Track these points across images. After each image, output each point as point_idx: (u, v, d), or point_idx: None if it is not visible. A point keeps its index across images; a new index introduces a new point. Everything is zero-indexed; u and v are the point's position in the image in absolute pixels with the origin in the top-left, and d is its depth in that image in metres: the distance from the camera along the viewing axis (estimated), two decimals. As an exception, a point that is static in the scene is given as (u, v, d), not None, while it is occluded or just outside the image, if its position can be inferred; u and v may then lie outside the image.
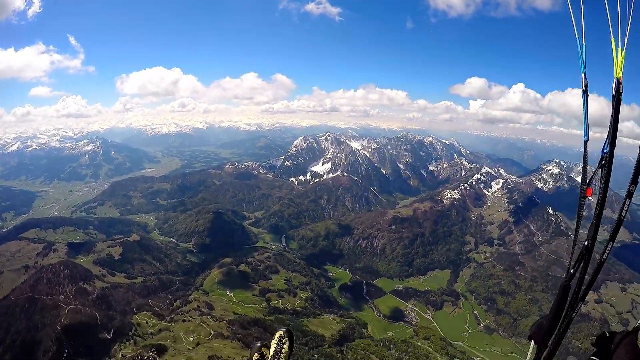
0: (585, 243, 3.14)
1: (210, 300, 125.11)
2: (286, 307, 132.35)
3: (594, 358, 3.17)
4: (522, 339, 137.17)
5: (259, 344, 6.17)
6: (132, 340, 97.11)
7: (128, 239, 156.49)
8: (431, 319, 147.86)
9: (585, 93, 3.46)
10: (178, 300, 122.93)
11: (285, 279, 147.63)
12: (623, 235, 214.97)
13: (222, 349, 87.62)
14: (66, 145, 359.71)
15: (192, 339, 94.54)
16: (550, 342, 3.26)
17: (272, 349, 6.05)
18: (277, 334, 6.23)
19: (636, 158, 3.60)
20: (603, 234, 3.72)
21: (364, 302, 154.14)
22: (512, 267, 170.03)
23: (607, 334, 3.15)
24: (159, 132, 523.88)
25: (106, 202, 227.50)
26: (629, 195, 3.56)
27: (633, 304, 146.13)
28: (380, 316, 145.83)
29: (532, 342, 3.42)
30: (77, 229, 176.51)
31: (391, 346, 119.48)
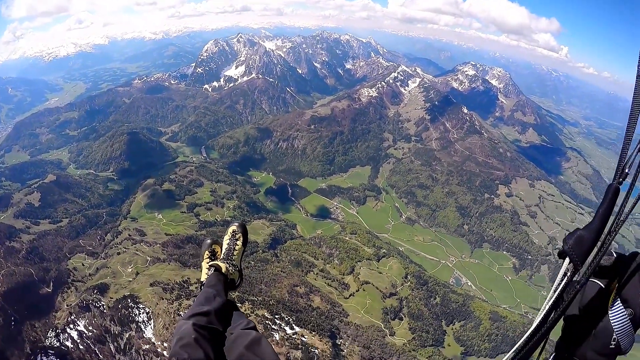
0: None
1: (140, 226, 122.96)
2: (216, 219, 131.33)
3: (595, 280, 2.93)
4: (442, 228, 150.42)
5: (209, 241, 5.67)
6: (72, 287, 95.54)
7: (44, 181, 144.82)
8: (356, 214, 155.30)
9: None
10: (109, 234, 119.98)
11: (210, 191, 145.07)
12: (532, 137, 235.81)
13: (162, 273, 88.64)
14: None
15: (130, 270, 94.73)
16: (591, 259, 2.68)
17: (225, 245, 5.59)
18: (230, 229, 5.74)
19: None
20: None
21: (290, 204, 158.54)
22: (429, 162, 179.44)
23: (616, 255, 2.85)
24: (57, 56, 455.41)
25: (13, 146, 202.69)
26: None
27: (540, 199, 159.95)
28: (307, 215, 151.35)
29: (567, 259, 2.77)
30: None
31: (321, 243, 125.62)
